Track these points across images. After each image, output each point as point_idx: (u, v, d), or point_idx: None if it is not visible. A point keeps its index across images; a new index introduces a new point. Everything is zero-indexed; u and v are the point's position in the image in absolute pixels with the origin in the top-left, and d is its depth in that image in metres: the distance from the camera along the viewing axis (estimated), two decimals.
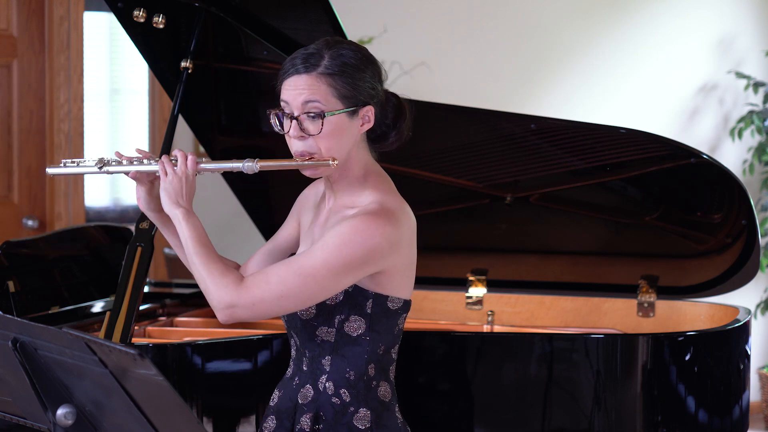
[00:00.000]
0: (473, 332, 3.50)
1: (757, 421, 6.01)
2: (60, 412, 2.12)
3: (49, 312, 3.38)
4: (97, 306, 3.57)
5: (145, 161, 2.44)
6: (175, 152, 2.42)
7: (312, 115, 2.33)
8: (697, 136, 6.07)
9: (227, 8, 3.35)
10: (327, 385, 2.41)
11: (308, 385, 2.44)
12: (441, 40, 5.78)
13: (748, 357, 3.44)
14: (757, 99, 6.03)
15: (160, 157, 2.45)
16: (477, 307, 3.98)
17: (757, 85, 5.94)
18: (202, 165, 2.42)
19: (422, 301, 4.02)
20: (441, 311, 4.02)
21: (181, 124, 3.57)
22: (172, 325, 3.69)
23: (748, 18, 6.15)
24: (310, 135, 2.34)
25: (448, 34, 5.80)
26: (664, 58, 6.03)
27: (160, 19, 3.36)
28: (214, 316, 3.84)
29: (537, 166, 3.63)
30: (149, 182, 2.48)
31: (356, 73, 2.35)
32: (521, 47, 5.88)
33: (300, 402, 2.44)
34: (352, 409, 2.40)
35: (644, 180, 3.61)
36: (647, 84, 6.02)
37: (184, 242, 2.37)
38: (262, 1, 3.41)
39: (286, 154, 2.44)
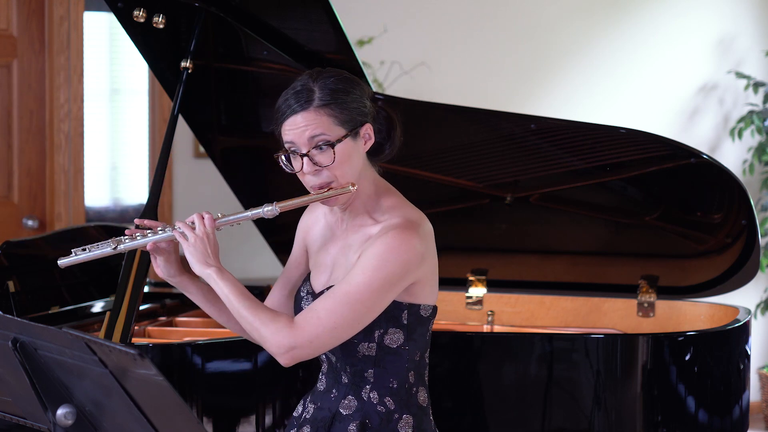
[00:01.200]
0: (473, 332, 3.50)
1: (757, 421, 6.01)
2: (60, 412, 2.13)
3: (49, 312, 3.38)
4: (97, 306, 3.57)
5: (159, 230, 2.45)
6: (192, 217, 2.43)
7: (321, 147, 2.37)
8: (697, 136, 6.07)
9: (227, 8, 3.35)
10: (371, 395, 2.45)
11: (350, 396, 2.47)
12: (441, 40, 5.78)
13: (748, 357, 3.44)
14: (757, 99, 6.03)
15: (170, 223, 2.48)
16: (477, 307, 3.98)
17: (757, 85, 5.94)
18: (220, 221, 2.43)
19: None
20: (441, 311, 4.00)
21: (181, 124, 3.57)
22: (172, 325, 3.69)
23: (748, 18, 6.15)
24: (323, 167, 2.38)
25: (448, 34, 5.80)
26: (664, 58, 6.03)
27: (160, 19, 3.36)
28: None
29: (537, 166, 3.63)
30: (167, 251, 2.48)
31: (347, 97, 2.40)
32: (521, 47, 5.88)
33: (343, 413, 2.47)
34: (396, 416, 2.45)
35: (644, 180, 3.61)
36: (647, 84, 6.02)
37: (225, 299, 2.38)
38: (262, 1, 3.41)
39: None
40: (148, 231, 2.46)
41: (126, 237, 2.46)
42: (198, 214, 2.43)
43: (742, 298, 4.59)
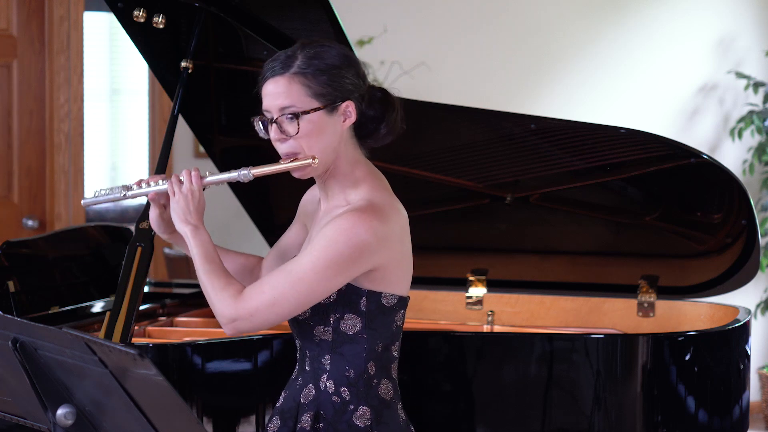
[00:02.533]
0: (473, 332, 3.50)
1: (757, 421, 6.01)
2: (60, 412, 2.12)
3: (49, 312, 3.38)
4: (97, 306, 3.57)
5: (160, 182, 2.49)
6: (182, 172, 2.46)
7: (289, 116, 2.36)
8: (697, 136, 6.07)
9: (227, 8, 3.35)
10: (328, 384, 2.42)
11: (310, 385, 2.45)
12: (441, 40, 5.78)
13: (748, 357, 3.44)
14: (757, 99, 6.03)
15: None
16: (477, 307, 3.98)
17: (757, 85, 5.94)
18: (207, 179, 2.46)
19: (422, 301, 4.02)
20: (441, 311, 4.02)
21: (181, 124, 3.57)
22: (172, 325, 3.69)
23: (748, 18, 6.15)
24: (290, 136, 2.37)
25: (448, 34, 5.80)
26: (664, 58, 6.03)
27: (160, 19, 3.36)
28: (214, 316, 3.85)
29: (537, 166, 3.63)
30: (162, 205, 2.52)
31: (331, 70, 2.37)
32: (521, 47, 5.88)
33: (302, 401, 2.45)
34: (351, 407, 2.41)
35: (644, 180, 3.61)
36: (647, 84, 6.02)
37: (193, 259, 2.42)
38: (262, 1, 3.41)
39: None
40: (152, 182, 2.51)
41: (134, 185, 2.51)
42: (186, 170, 2.46)
43: (742, 298, 4.59)
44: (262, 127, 2.43)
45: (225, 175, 2.47)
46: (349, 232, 2.32)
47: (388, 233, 2.36)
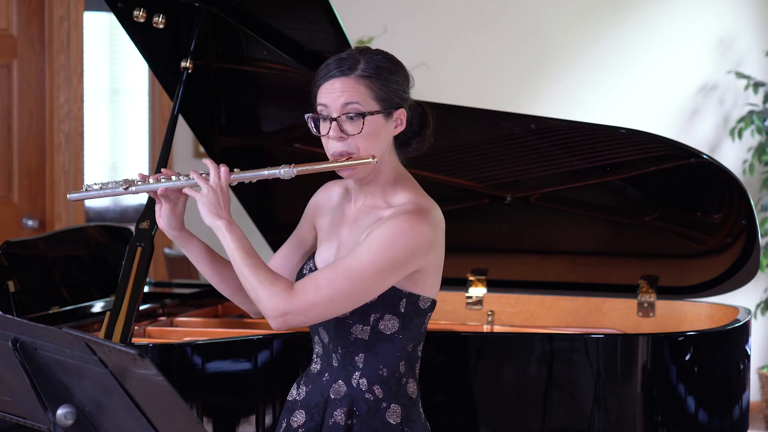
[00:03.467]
0: (473, 332, 3.50)
1: (757, 421, 6.01)
2: (60, 412, 2.12)
3: (49, 312, 3.38)
4: (97, 306, 3.57)
5: (173, 178, 2.45)
6: (206, 162, 2.44)
7: (351, 115, 2.39)
8: (697, 136, 6.07)
9: (227, 8, 3.35)
10: (360, 381, 2.45)
11: (340, 381, 2.47)
12: (441, 40, 5.78)
13: (748, 357, 3.44)
14: (757, 99, 6.03)
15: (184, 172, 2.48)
16: (477, 307, 3.98)
17: (757, 85, 5.94)
18: (235, 176, 2.44)
19: None
20: (441, 311, 4.01)
21: (181, 124, 3.57)
22: (172, 325, 3.69)
23: (748, 18, 6.15)
24: (349, 135, 2.40)
25: (448, 34, 5.80)
26: (664, 58, 6.03)
27: (160, 19, 3.36)
28: (214, 316, 3.85)
29: (537, 166, 3.63)
30: (174, 201, 2.49)
31: (390, 76, 2.44)
32: (521, 47, 5.88)
33: (332, 397, 2.47)
34: (384, 404, 2.45)
35: (644, 180, 3.61)
36: (647, 84, 6.02)
37: (229, 253, 2.39)
38: (262, 1, 3.41)
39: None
40: (162, 177, 2.46)
41: (138, 180, 2.47)
42: (214, 164, 2.43)
43: (742, 298, 4.59)
44: (314, 125, 2.43)
45: (258, 173, 2.44)
46: (406, 234, 2.36)
47: (435, 237, 2.43)
